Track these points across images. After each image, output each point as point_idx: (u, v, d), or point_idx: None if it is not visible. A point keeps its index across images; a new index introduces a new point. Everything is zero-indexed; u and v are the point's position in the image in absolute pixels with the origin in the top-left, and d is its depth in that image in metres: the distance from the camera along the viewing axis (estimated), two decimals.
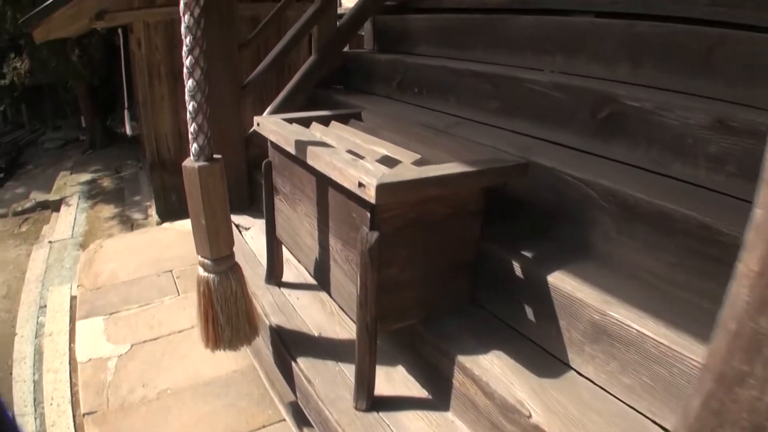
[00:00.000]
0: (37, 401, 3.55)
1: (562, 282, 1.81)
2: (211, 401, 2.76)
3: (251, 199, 3.85)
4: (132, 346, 3.19)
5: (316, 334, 2.36)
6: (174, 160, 7.56)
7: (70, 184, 10.10)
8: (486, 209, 1.98)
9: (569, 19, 2.70)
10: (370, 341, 1.80)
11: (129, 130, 9.58)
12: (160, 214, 7.68)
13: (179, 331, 3.34)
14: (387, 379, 2.06)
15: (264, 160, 2.52)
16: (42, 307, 5.02)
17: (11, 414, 2.63)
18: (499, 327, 2.03)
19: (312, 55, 4.04)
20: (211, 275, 2.08)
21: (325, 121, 2.51)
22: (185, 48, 1.84)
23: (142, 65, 7.15)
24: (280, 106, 3.85)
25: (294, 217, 2.34)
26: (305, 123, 2.44)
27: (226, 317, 2.13)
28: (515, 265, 1.97)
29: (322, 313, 2.51)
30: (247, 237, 3.41)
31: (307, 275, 2.71)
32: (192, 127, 1.92)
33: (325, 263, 2.09)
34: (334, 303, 2.50)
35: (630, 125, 2.14)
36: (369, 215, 1.66)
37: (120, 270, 4.07)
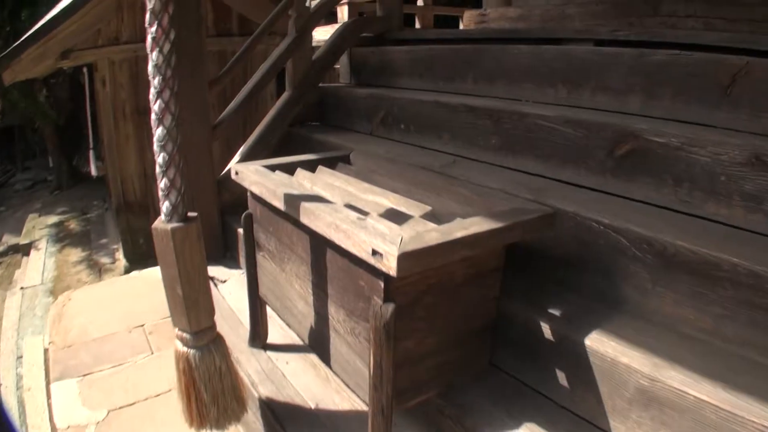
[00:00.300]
0: None
1: (602, 345, 1.59)
2: None
3: (225, 247, 3.56)
4: (109, 413, 2.90)
5: (313, 406, 2.07)
6: (140, 201, 7.31)
7: (39, 227, 9.75)
8: (505, 264, 1.74)
9: (572, 48, 2.52)
10: (386, 427, 1.53)
11: (94, 171, 9.27)
12: (128, 258, 7.38)
13: (156, 395, 3.05)
14: None
15: (244, 212, 2.25)
16: (19, 358, 4.72)
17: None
18: (527, 394, 1.79)
19: (286, 90, 3.79)
20: (192, 350, 1.81)
21: (311, 166, 2.26)
22: (153, 90, 1.60)
23: (107, 104, 6.93)
24: (254, 146, 3.58)
25: (282, 278, 2.06)
26: (289, 170, 2.19)
27: (211, 396, 1.86)
28: (543, 325, 1.74)
29: (317, 380, 2.22)
30: (224, 291, 3.11)
31: (294, 335, 2.43)
32: (162, 183, 1.66)
33: (324, 333, 1.82)
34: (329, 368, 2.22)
35: (654, 163, 1.96)
36: (383, 285, 1.40)
37: (90, 325, 3.78)
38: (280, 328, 2.54)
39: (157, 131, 1.62)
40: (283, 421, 2.01)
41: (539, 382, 1.78)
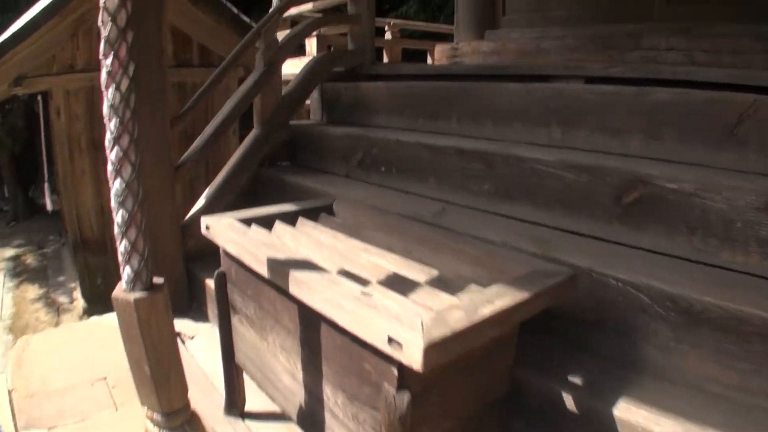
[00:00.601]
0: None
1: (631, 414, 1.46)
2: None
3: (191, 297, 3.30)
4: None
5: None
6: (98, 239, 7.03)
7: None
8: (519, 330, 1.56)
9: (566, 86, 2.40)
10: None
11: (49, 205, 8.94)
12: (86, 299, 7.01)
13: None
14: None
15: (216, 270, 2.03)
16: None
17: None
18: None
19: (254, 128, 3.57)
20: None
21: (290, 218, 2.05)
22: (109, 135, 1.40)
23: (62, 136, 6.70)
24: (220, 188, 3.35)
25: (263, 348, 1.83)
26: (267, 223, 1.97)
27: None
28: (564, 394, 1.58)
29: None
30: (193, 349, 2.85)
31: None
32: (122, 245, 1.45)
33: (317, 414, 1.59)
34: None
35: (666, 210, 1.84)
36: (397, 373, 1.19)
37: (51, 374, 3.55)
38: (258, 393, 2.30)
39: (115, 184, 1.41)
40: None
41: None
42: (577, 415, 1.55)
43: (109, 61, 1.36)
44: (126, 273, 1.47)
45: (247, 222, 1.94)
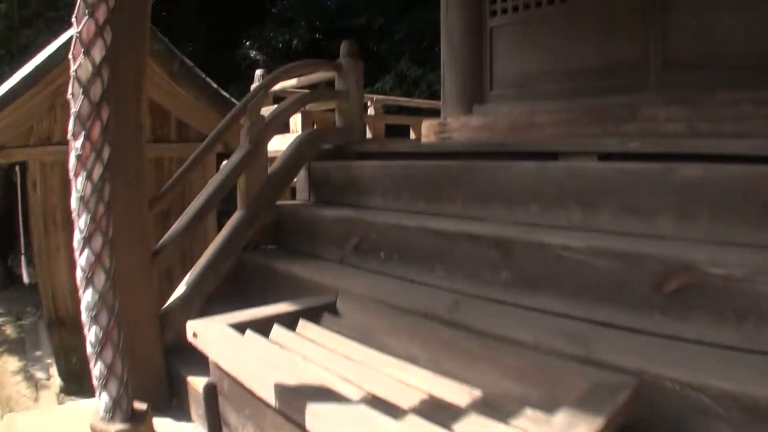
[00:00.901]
0: None
1: None
2: None
3: (171, 394, 2.97)
4: None
5: None
6: (73, 318, 6.64)
7: None
8: None
9: (585, 165, 2.24)
10: None
11: (26, 278, 8.59)
12: (62, 377, 6.68)
13: None
14: None
15: (206, 383, 1.77)
16: None
17: None
18: None
19: (238, 209, 3.33)
20: None
21: (289, 320, 1.82)
22: (79, 235, 1.18)
23: (38, 210, 6.63)
24: (202, 274, 3.06)
25: None
26: (262, 327, 1.74)
27: None
28: None
29: None
30: None
31: None
32: (97, 368, 1.22)
33: None
34: None
35: (714, 297, 1.68)
36: None
37: None
38: None
39: (86, 295, 1.18)
40: None
41: None
42: None
43: (79, 142, 1.15)
44: (103, 400, 1.24)
45: (241, 327, 1.69)
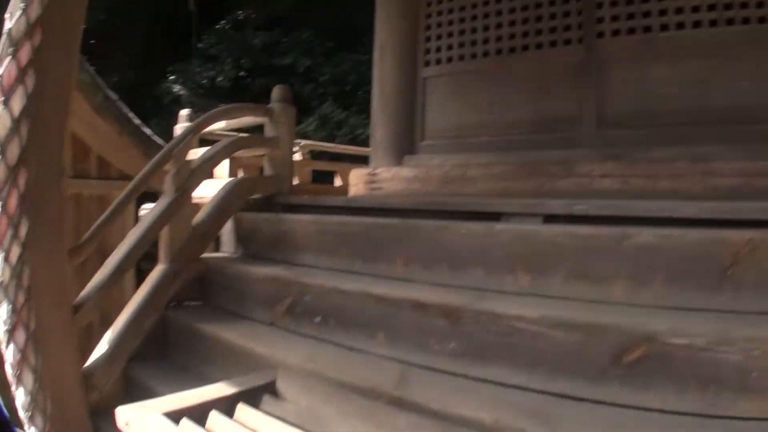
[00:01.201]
0: None
1: None
2: None
3: None
4: None
5: None
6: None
7: None
8: None
9: (532, 228, 2.20)
10: None
11: None
12: None
13: None
14: None
15: None
16: None
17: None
18: None
19: (160, 263, 3.08)
20: None
21: (227, 405, 1.64)
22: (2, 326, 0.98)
23: None
24: (124, 332, 2.74)
25: None
26: (199, 415, 1.55)
27: None
28: None
29: None
30: None
31: None
32: None
33: None
34: None
35: (675, 367, 1.66)
36: None
37: None
38: None
39: (18, 394, 0.99)
40: None
41: None
42: None
43: None
44: None
45: (176, 416, 1.50)
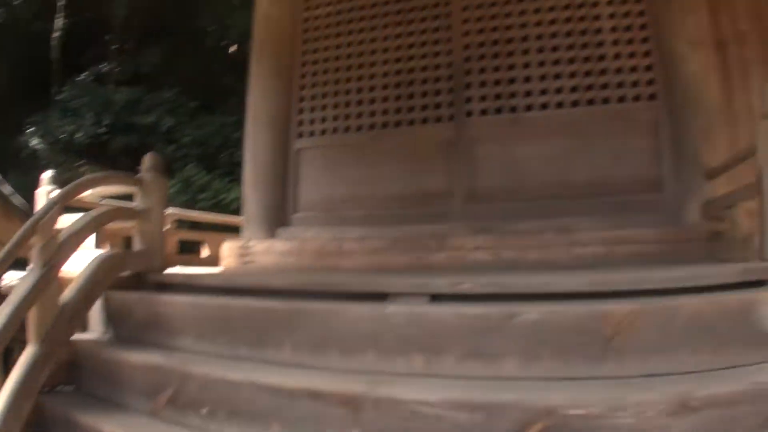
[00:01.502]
0: None
1: None
2: None
3: None
4: None
5: None
6: None
7: None
8: None
9: (422, 310, 2.29)
10: None
11: None
12: None
13: None
14: None
15: None
16: None
17: None
18: None
19: (30, 345, 2.80)
20: None
21: None
22: None
23: None
24: (4, 420, 2.50)
25: None
26: None
27: None
28: None
29: None
30: None
31: None
32: None
33: None
34: None
35: None
36: None
37: None
38: None
39: None
40: None
41: None
42: None
43: None
44: None
45: None
